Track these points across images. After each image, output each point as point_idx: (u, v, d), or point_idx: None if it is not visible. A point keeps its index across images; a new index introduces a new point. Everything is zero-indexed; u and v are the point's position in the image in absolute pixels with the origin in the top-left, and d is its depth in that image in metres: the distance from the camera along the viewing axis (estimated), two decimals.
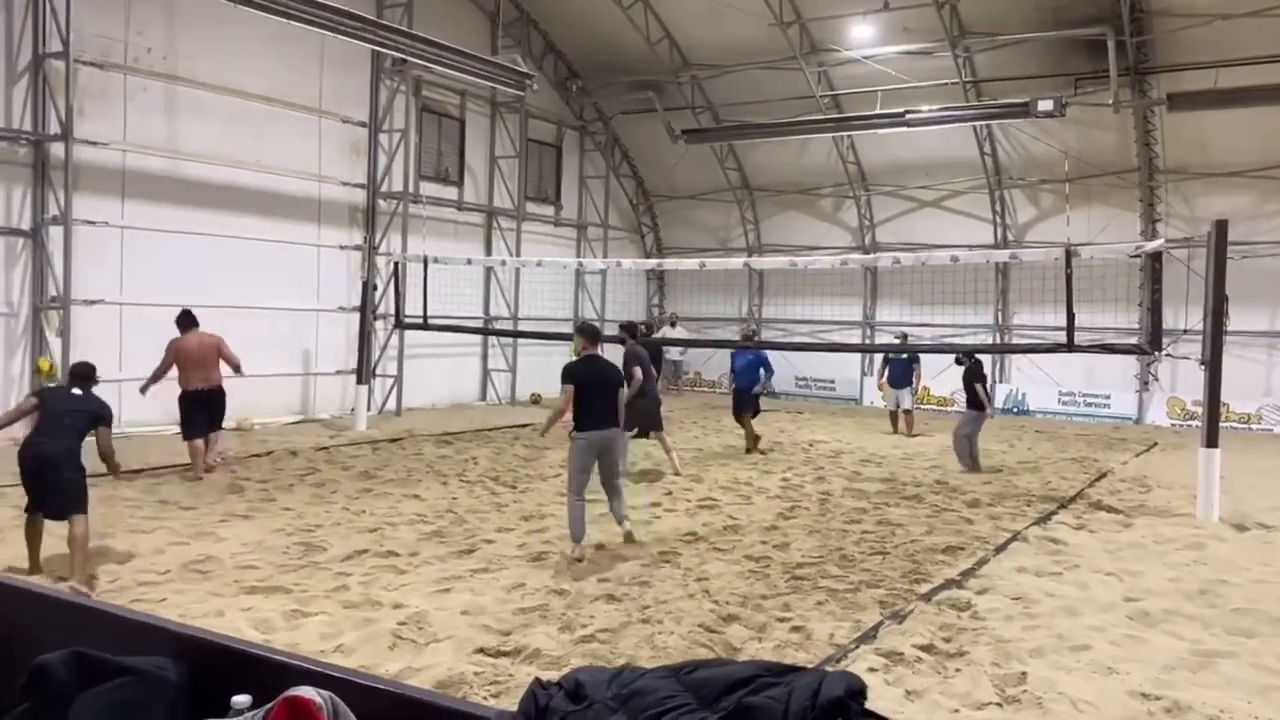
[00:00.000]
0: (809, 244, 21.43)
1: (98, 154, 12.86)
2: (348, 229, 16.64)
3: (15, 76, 12.25)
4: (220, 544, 7.79)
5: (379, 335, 16.49)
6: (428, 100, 18.10)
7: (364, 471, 11.34)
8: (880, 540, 8.64)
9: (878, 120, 17.75)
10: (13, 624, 2.04)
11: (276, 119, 15.06)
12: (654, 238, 24.26)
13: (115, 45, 13.07)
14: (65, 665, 1.60)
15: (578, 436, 8.04)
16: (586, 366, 8.22)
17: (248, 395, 14.68)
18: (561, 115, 21.48)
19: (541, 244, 20.58)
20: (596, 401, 8.06)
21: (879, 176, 21.04)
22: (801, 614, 6.44)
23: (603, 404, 8.11)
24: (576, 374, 8.11)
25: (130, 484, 10.10)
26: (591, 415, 8.02)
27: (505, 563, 7.52)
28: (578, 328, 9.24)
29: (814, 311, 21.65)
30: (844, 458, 13.64)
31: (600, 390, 8.12)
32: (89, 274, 12.67)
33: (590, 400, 8.02)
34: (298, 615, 6.08)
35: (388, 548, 7.84)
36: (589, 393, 8.03)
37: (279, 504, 9.42)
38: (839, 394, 21.85)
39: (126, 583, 6.63)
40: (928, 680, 5.29)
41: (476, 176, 19.38)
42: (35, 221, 12.42)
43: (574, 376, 8.09)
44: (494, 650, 5.55)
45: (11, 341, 12.41)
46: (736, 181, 22.41)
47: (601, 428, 8.06)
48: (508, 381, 19.79)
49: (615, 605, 6.50)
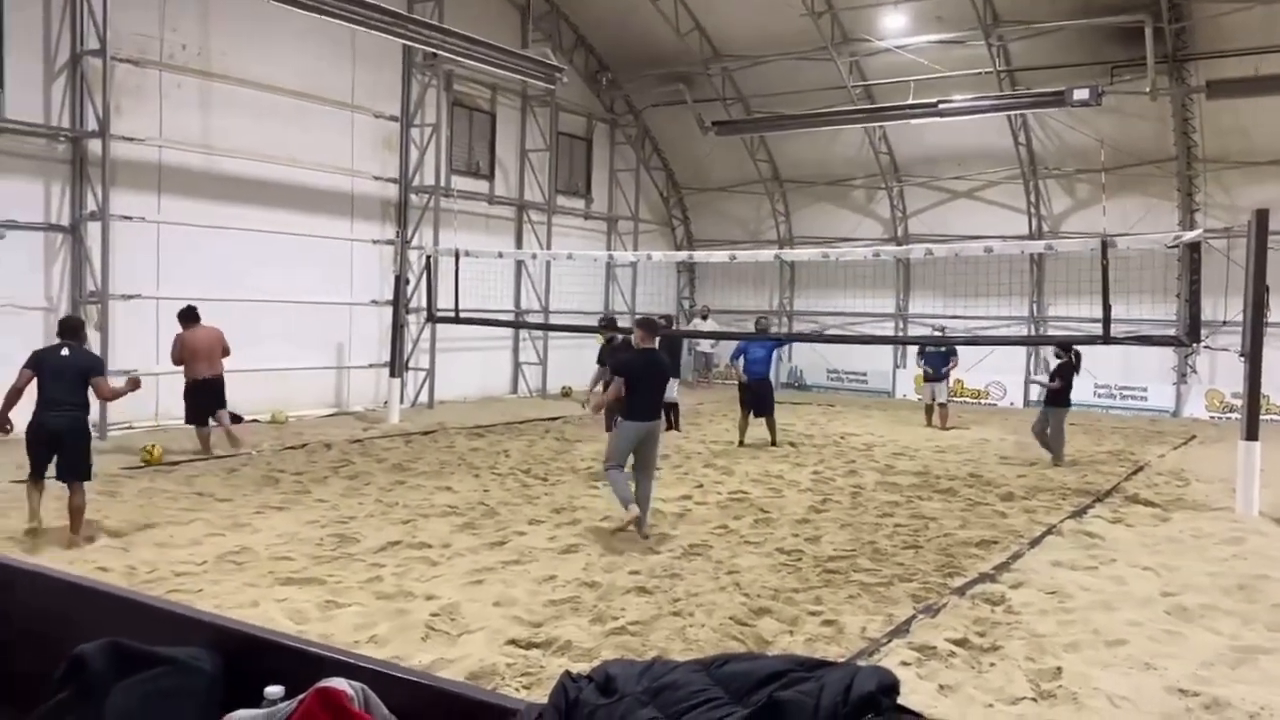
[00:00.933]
0: (841, 236, 21.29)
1: (134, 150, 13.02)
2: (380, 223, 16.74)
3: (54, 74, 12.41)
4: (255, 535, 7.87)
5: (411, 329, 16.59)
6: (459, 94, 18.16)
7: (397, 464, 11.42)
8: (913, 534, 8.59)
9: (910, 110, 17.58)
10: (51, 614, 2.07)
11: (309, 114, 15.16)
12: (684, 230, 24.21)
13: (151, 42, 13.21)
14: (103, 655, 1.62)
15: (626, 424, 8.27)
16: (642, 359, 8.47)
17: (283, 388, 14.87)
18: (592, 108, 21.48)
19: (572, 237, 20.61)
20: (648, 393, 8.35)
21: (912, 167, 20.86)
22: (833, 607, 6.41)
23: (655, 396, 8.45)
24: (633, 367, 8.37)
25: (167, 476, 10.27)
26: (642, 407, 8.29)
27: (536, 555, 7.54)
28: (636, 321, 9.28)
29: (846, 304, 21.53)
30: (876, 451, 13.56)
31: (652, 383, 8.41)
32: (126, 269, 12.83)
33: (642, 392, 8.28)
34: (332, 606, 6.14)
35: (420, 539, 7.89)
36: (642, 385, 8.27)
37: (313, 496, 9.51)
38: (871, 387, 21.72)
39: (164, 573, 6.71)
40: (961, 675, 5.25)
41: (507, 170, 19.43)
42: (74, 217, 12.60)
43: (630, 369, 8.34)
44: (525, 642, 5.57)
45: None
46: (767, 173, 22.31)
47: (649, 419, 8.35)
48: (539, 374, 19.85)
49: (646, 598, 6.51)
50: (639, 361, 8.45)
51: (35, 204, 12.30)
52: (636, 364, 8.42)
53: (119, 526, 7.99)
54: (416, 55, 16.52)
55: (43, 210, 12.39)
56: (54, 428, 7.47)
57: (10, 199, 11.95)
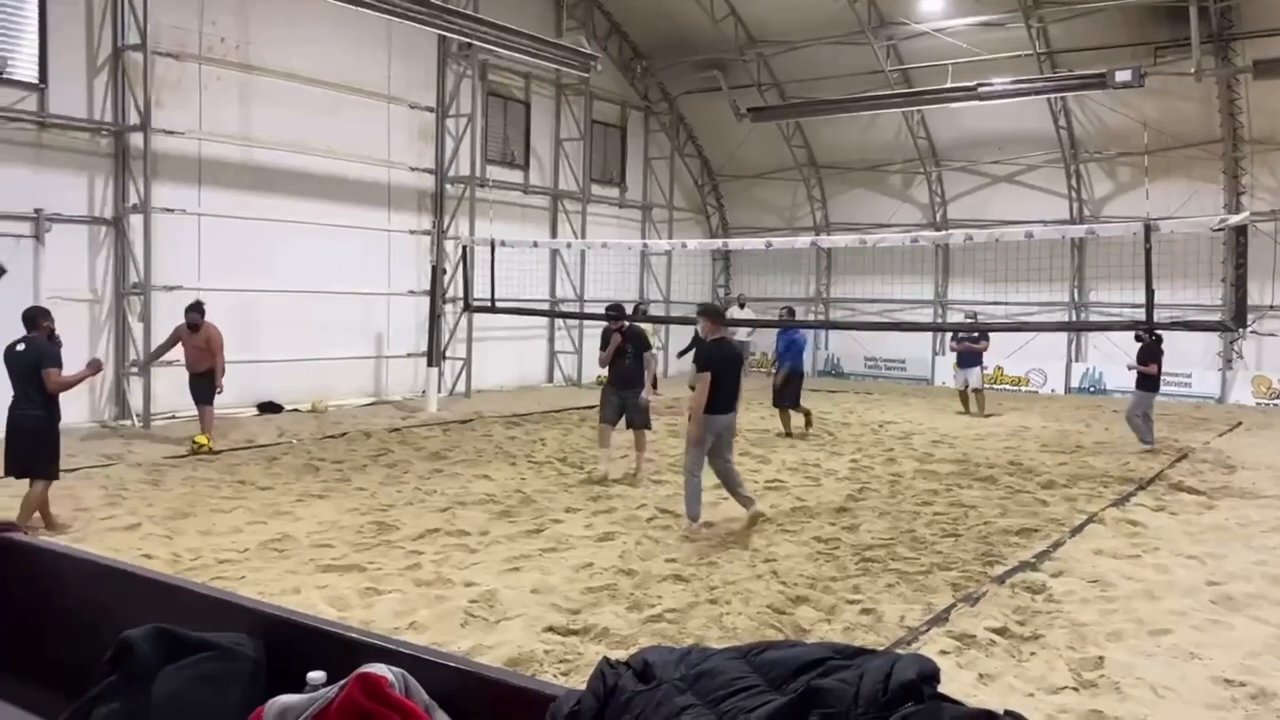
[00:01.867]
0: (878, 222, 21.11)
1: (175, 143, 13.18)
2: (417, 214, 16.84)
3: (96, 69, 12.59)
4: (297, 523, 7.97)
5: (448, 318, 16.69)
6: (493, 84, 18.20)
7: (435, 452, 11.51)
8: (953, 522, 8.52)
9: (949, 94, 17.38)
10: (97, 599, 2.11)
11: (346, 106, 15.27)
12: (719, 218, 24.13)
13: (190, 36, 13.36)
14: (149, 640, 1.65)
15: (709, 418, 7.87)
16: (720, 350, 8.15)
17: (322, 378, 15.03)
18: (626, 96, 21.45)
19: (606, 226, 20.61)
20: (730, 385, 8.02)
21: (950, 152, 20.63)
22: (871, 596, 6.38)
23: (735, 385, 8.10)
24: (714, 359, 8.02)
25: (210, 464, 10.42)
26: (722, 398, 7.91)
27: (573, 542, 7.57)
28: (701, 309, 8.70)
29: (884, 290, 21.37)
30: (915, 439, 13.46)
31: (732, 372, 8.10)
32: (168, 261, 13.01)
33: (724, 384, 7.93)
34: (371, 593, 6.20)
35: (459, 527, 7.95)
36: (724, 376, 7.94)
37: (353, 484, 9.61)
38: (910, 374, 21.56)
39: (207, 560, 6.82)
40: (1001, 664, 5.20)
41: (541, 159, 19.46)
42: (117, 210, 12.79)
43: (712, 362, 7.99)
44: (563, 629, 5.60)
45: (96, 327, 12.81)
46: (803, 159, 22.17)
47: (729, 410, 8.04)
48: (574, 363, 19.90)
49: (683, 585, 6.51)
50: (718, 354, 8.09)
51: (79, 197, 12.50)
52: (716, 356, 8.05)
53: (163, 514, 8.12)
54: (452, 46, 16.58)
55: (87, 203, 12.59)
56: (9, 424, 7.45)
57: (56, 192, 12.16)
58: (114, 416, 12.93)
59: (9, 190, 11.68)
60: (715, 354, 8.10)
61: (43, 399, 7.31)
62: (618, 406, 10.33)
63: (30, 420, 7.29)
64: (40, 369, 7.23)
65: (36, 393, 7.27)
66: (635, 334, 10.59)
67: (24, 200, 11.85)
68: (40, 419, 7.33)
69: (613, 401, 10.35)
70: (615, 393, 10.37)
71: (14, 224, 11.82)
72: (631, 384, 10.31)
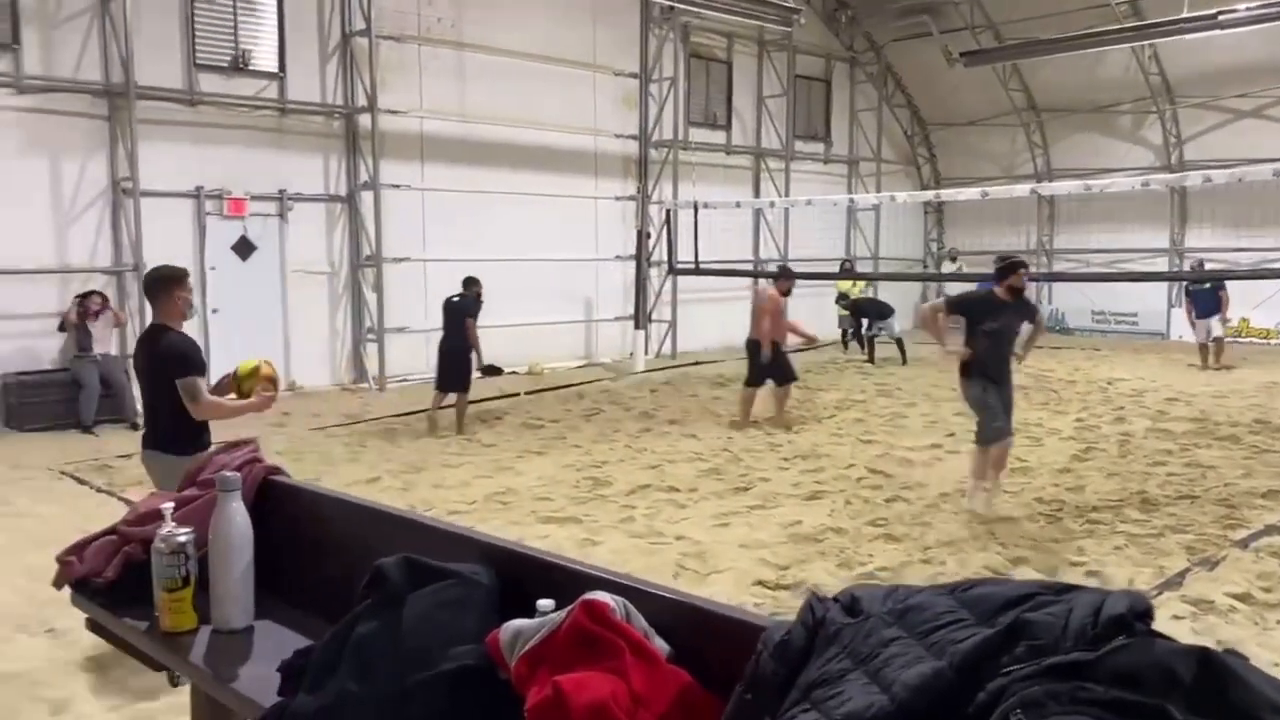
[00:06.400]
0: (1105, 166, 19.72)
1: (398, 122, 13.99)
2: (622, 179, 17.16)
3: (327, 56, 13.53)
4: (518, 478, 8.40)
5: (653, 282, 16.98)
6: (695, 45, 18.22)
7: (643, 412, 11.80)
8: (1189, 483, 7.98)
9: (1185, 24, 15.93)
10: (354, 534, 2.35)
11: (553, 77, 15.70)
12: (931, 169, 23.26)
13: (409, 19, 14.10)
14: (399, 568, 1.84)
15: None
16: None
17: (538, 342, 15.67)
18: (830, 48, 20.95)
19: (811, 183, 20.27)
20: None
21: (1187, 87, 18.97)
22: (1097, 558, 6.10)
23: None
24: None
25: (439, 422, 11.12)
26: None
27: (781, 500, 7.62)
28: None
29: (1112, 239, 20.02)
30: (1147, 396, 12.62)
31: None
32: (395, 234, 13.89)
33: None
34: (588, 543, 6.49)
35: (668, 483, 8.15)
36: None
37: (568, 442, 10.02)
38: (1142, 328, 20.15)
39: (439, 512, 7.30)
40: (1243, 631, 4.88)
41: (744, 118, 19.35)
42: (349, 188, 13.75)
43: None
44: (773, 584, 5.68)
45: (334, 298, 13.86)
46: (1022, 103, 20.99)
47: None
48: None
49: (895, 544, 6.44)
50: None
51: (316, 177, 13.52)
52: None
53: (399, 468, 8.75)
54: (654, 10, 16.72)
55: (323, 183, 13.60)
56: (442, 353, 10.68)
57: (296, 174, 13.20)
58: (353, 380, 13.98)
59: (257, 173, 12.79)
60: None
61: (463, 338, 10.29)
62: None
63: (457, 352, 10.31)
64: (464, 317, 10.32)
65: (459, 334, 10.32)
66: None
67: (270, 182, 12.95)
68: (461, 351, 10.33)
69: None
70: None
71: (263, 204, 12.94)
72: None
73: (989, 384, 7.18)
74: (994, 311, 7.17)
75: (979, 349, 7.13)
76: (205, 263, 12.44)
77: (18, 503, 7.63)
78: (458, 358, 10.38)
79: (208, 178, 12.39)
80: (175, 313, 4.80)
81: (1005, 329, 7.22)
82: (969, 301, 7.67)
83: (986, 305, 7.29)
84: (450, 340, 10.45)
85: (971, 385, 7.26)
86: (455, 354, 10.40)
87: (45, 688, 4.39)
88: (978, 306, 7.34)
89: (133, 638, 2.32)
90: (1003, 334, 7.21)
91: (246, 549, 2.27)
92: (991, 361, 7.17)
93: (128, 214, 11.61)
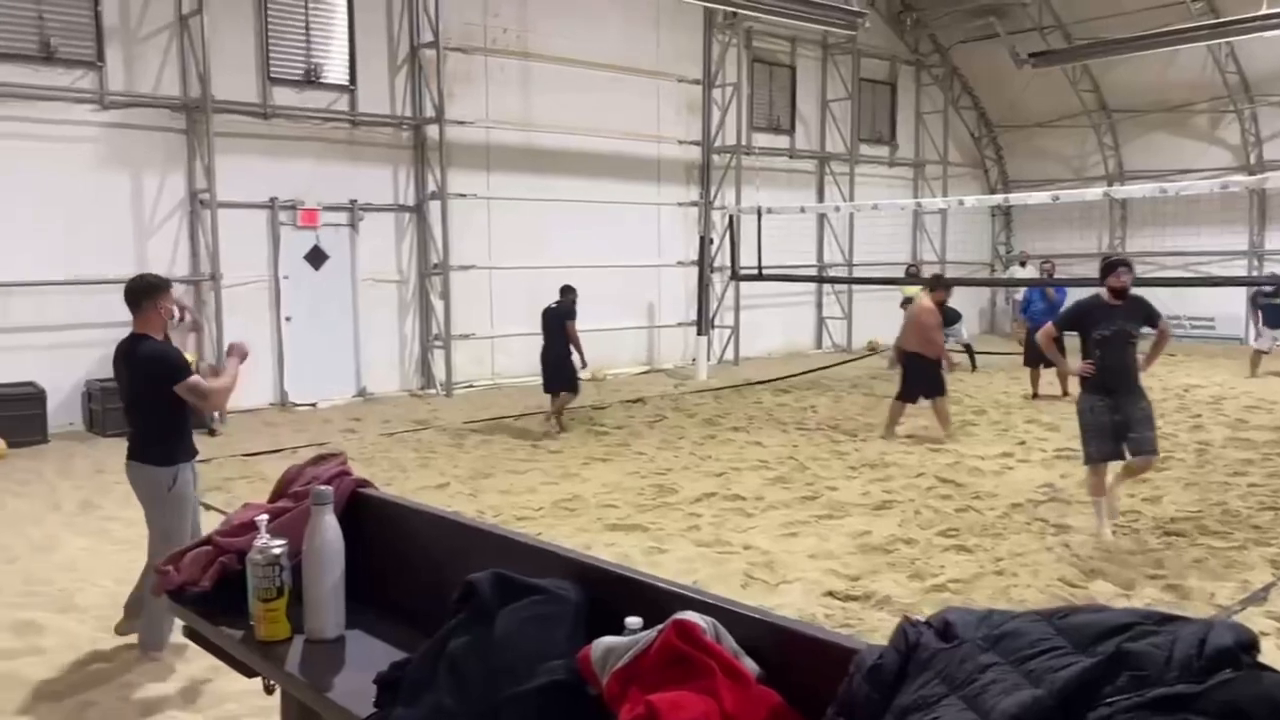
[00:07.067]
0: (1180, 168, 19.25)
1: (465, 132, 14.18)
2: (684, 186, 17.19)
3: (396, 68, 13.77)
4: (584, 484, 8.46)
5: (716, 287, 16.97)
6: (758, 51, 18.18)
7: (707, 419, 11.79)
8: (1272, 494, 7.76)
9: (1265, 20, 15.49)
10: (442, 547, 2.41)
11: (618, 85, 15.78)
12: (999, 171, 22.90)
13: (476, 30, 14.30)
14: (490, 583, 1.88)
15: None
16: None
17: (601, 348, 15.73)
18: (895, 51, 20.75)
19: (876, 187, 20.10)
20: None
21: (1267, 85, 18.42)
22: (1176, 572, 5.96)
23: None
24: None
25: (505, 429, 11.24)
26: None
27: (849, 510, 7.56)
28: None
29: (1188, 242, 19.51)
30: (1226, 404, 12.28)
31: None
32: (462, 242, 14.08)
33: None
34: (655, 551, 6.51)
35: (734, 491, 8.14)
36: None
37: (632, 449, 10.05)
38: (1219, 333, 19.60)
39: (507, 518, 7.39)
40: None
41: (808, 123, 19.25)
42: (418, 197, 13.97)
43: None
44: (843, 594, 5.64)
45: (403, 305, 14.10)
46: (1092, 104, 20.58)
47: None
48: (843, 329, 19.65)
49: (966, 556, 6.36)
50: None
51: (385, 187, 13.76)
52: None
53: (467, 474, 8.87)
54: (717, 16, 16.72)
55: (392, 192, 13.83)
56: (543, 358, 11.16)
57: (367, 183, 13.46)
58: (420, 386, 14.19)
59: (329, 184, 13.06)
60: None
61: (562, 343, 10.76)
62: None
63: (558, 356, 10.83)
64: (564, 320, 10.77)
65: (559, 339, 10.76)
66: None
67: (341, 192, 13.21)
68: (563, 354, 10.81)
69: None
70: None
71: (335, 214, 13.21)
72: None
73: (1102, 399, 6.64)
74: (1102, 317, 6.59)
75: (1095, 360, 6.66)
76: (279, 272, 12.75)
77: (105, 506, 7.90)
78: (560, 362, 10.92)
79: (281, 189, 12.69)
80: (157, 322, 4.82)
81: (1118, 335, 6.56)
82: (1076, 313, 7.03)
83: (1093, 311, 6.68)
84: (551, 346, 10.97)
85: (1081, 400, 6.82)
86: (557, 358, 10.93)
87: (134, 689, 4.55)
88: (1085, 315, 6.79)
89: (229, 646, 2.41)
90: (1116, 340, 6.57)
91: (339, 561, 2.33)
92: (1107, 372, 6.60)
93: (205, 225, 11.93)
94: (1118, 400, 6.62)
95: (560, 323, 10.94)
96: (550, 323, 11.04)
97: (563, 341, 10.88)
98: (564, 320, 10.93)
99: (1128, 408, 6.62)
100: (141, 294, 4.81)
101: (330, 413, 12.39)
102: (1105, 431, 6.66)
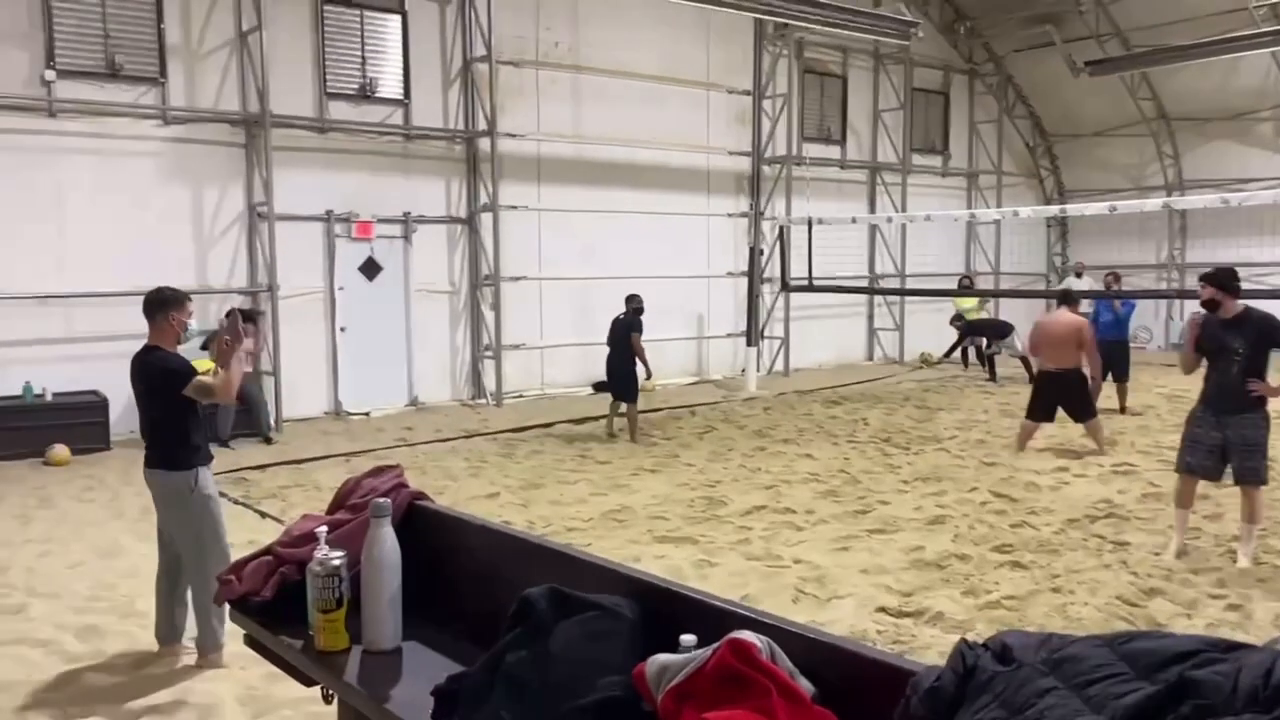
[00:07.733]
0: (1243, 177, 18.82)
1: (516, 145, 14.31)
2: (734, 196, 17.18)
3: (449, 82, 13.95)
4: (633, 496, 8.48)
5: (766, 298, 16.92)
6: (809, 61, 18.13)
7: (757, 430, 11.75)
8: None
9: None
10: (497, 561, 2.43)
11: (668, 96, 15.84)
12: (1054, 181, 22.57)
13: (528, 44, 14.44)
14: (546, 599, 1.90)
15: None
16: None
17: (650, 358, 15.73)
18: (949, 60, 20.57)
19: (928, 197, 19.91)
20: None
21: None
22: (1240, 591, 5.83)
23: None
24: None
25: (555, 438, 11.31)
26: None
27: (901, 524, 7.49)
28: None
29: (1251, 254, 19.04)
30: None
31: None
32: (513, 253, 14.20)
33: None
34: (705, 565, 6.50)
35: (784, 505, 8.10)
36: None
37: (682, 460, 10.05)
38: None
39: (557, 528, 7.43)
40: None
41: (859, 133, 19.14)
42: (470, 209, 14.12)
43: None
44: (895, 610, 5.59)
45: (455, 315, 14.24)
46: (1151, 113, 20.21)
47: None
48: (895, 341, 19.47)
49: (1021, 572, 6.27)
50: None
51: (438, 199, 13.92)
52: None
53: (517, 484, 8.93)
54: (768, 27, 16.72)
55: (444, 205, 14.00)
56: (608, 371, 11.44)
57: (420, 196, 13.64)
58: (470, 396, 14.32)
59: (383, 196, 13.26)
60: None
61: (626, 355, 11.00)
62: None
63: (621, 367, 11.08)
64: (630, 333, 11.02)
65: (626, 348, 11.01)
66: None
67: (395, 204, 13.40)
68: (626, 366, 11.02)
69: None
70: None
71: (389, 226, 13.40)
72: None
73: (1205, 411, 6.49)
74: (1210, 331, 6.46)
75: (1208, 374, 6.52)
76: (335, 283, 12.96)
77: None
78: (623, 372, 11.13)
79: (337, 201, 12.90)
80: (170, 335, 4.91)
81: (1221, 351, 6.37)
82: (1200, 326, 6.69)
83: (1206, 324, 6.53)
84: (615, 357, 11.20)
85: (1193, 408, 6.69)
86: (620, 369, 11.15)
87: (191, 693, 4.64)
88: (1202, 327, 6.58)
89: (290, 656, 2.45)
90: (1220, 356, 6.39)
91: (396, 573, 2.37)
92: (1213, 388, 6.45)
93: (262, 237, 12.16)
94: (1221, 419, 6.43)
95: (625, 333, 11.13)
96: (614, 333, 11.25)
97: (625, 353, 11.05)
98: (628, 332, 11.10)
99: (1230, 430, 6.41)
100: (155, 307, 4.93)
101: (383, 421, 12.56)
102: (1201, 446, 6.50)
